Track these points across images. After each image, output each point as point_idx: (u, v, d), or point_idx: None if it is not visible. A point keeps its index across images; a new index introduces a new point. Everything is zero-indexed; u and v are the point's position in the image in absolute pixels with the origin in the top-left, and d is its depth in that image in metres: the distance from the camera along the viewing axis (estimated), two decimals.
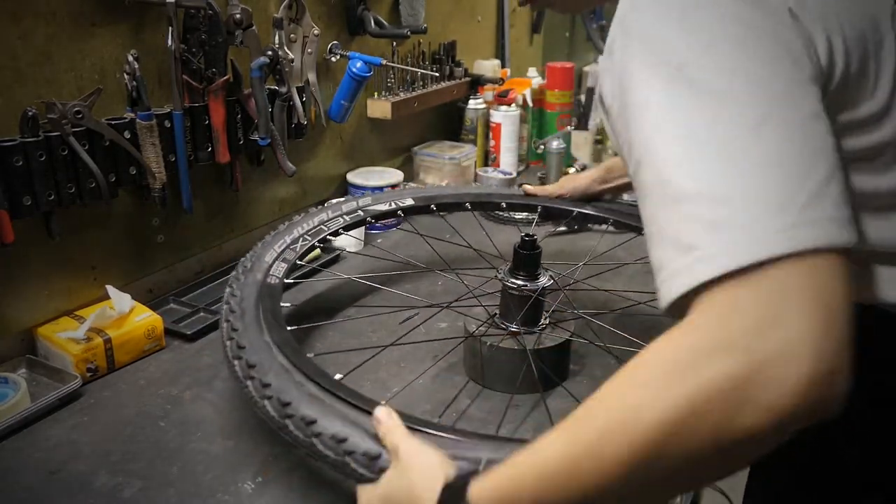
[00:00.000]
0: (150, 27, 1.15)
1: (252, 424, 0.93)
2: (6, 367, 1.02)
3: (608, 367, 1.05)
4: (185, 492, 0.82)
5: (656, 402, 0.48)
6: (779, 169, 0.50)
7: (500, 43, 2.25)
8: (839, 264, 0.49)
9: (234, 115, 1.28)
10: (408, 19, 1.73)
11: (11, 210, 0.99)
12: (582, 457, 0.51)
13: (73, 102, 1.03)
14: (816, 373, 0.46)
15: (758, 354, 0.46)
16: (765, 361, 0.46)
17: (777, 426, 0.46)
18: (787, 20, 0.57)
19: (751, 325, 0.47)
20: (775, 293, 0.48)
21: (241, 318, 0.88)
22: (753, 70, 0.54)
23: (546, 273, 1.04)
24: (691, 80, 0.54)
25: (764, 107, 0.52)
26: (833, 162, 0.52)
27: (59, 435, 0.92)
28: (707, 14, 0.56)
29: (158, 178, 1.15)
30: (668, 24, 0.57)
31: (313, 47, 1.40)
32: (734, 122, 0.52)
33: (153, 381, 1.04)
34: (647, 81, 0.56)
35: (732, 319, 0.48)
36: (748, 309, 0.48)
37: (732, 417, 0.46)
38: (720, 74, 0.54)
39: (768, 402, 0.46)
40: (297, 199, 1.54)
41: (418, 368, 1.05)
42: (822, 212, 0.49)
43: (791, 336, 0.47)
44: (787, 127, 0.52)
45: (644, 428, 0.48)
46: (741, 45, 0.55)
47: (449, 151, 1.84)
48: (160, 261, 1.26)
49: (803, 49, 0.57)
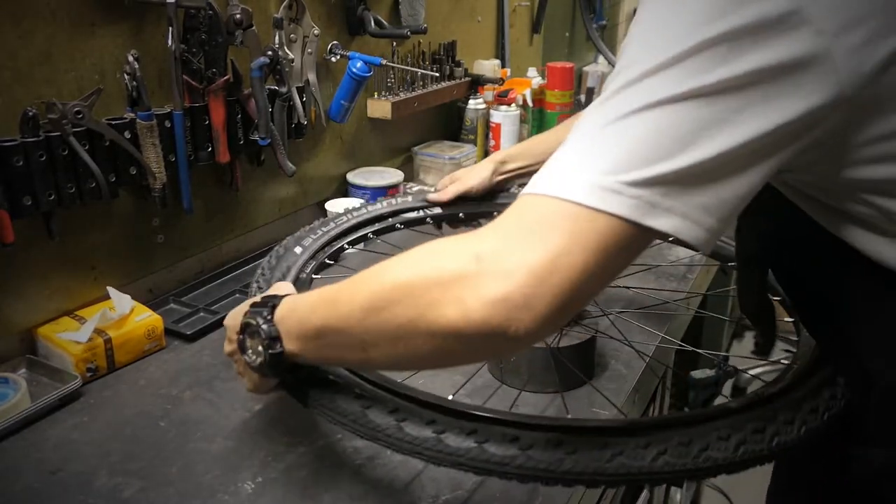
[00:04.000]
0: (150, 27, 1.15)
1: (252, 424, 0.93)
2: (6, 367, 1.02)
3: (631, 366, 1.05)
4: (185, 492, 0.82)
5: (399, 270, 0.60)
6: (634, 146, 0.54)
7: (500, 43, 2.25)
8: (621, 237, 0.54)
9: (234, 115, 1.28)
10: (408, 19, 1.73)
11: (11, 210, 0.99)
12: (343, 292, 0.65)
13: (73, 102, 1.03)
14: (510, 299, 0.52)
15: (485, 264, 0.54)
16: (484, 271, 0.54)
17: (460, 328, 0.54)
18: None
19: (504, 238, 0.55)
20: (542, 224, 0.54)
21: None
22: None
23: None
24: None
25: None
26: (723, 173, 0.55)
27: (59, 435, 0.92)
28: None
29: (158, 178, 1.15)
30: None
31: (313, 47, 1.40)
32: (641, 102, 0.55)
33: (153, 381, 1.04)
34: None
35: (501, 227, 0.56)
36: (517, 224, 0.56)
37: (438, 302, 0.55)
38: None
39: (464, 303, 0.54)
40: (297, 199, 1.54)
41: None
42: (644, 193, 0.53)
43: (517, 260, 0.53)
44: (663, 120, 0.55)
45: (382, 284, 0.61)
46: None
47: (449, 151, 1.84)
48: (160, 261, 1.26)
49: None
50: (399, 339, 0.60)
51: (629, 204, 0.53)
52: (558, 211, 0.54)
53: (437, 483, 0.82)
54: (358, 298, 0.63)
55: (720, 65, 0.54)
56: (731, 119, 0.55)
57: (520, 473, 0.65)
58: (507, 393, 0.99)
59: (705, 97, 0.54)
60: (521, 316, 0.53)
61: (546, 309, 0.53)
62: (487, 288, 0.53)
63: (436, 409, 0.70)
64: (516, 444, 0.65)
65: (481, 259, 0.54)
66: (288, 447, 0.89)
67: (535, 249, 0.53)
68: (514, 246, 0.54)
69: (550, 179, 0.56)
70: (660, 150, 0.54)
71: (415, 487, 0.82)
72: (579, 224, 0.53)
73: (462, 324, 0.54)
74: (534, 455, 0.65)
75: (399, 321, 0.59)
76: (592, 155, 0.56)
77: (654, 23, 0.58)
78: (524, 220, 0.56)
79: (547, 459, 0.64)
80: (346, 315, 0.64)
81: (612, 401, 0.97)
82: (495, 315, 0.53)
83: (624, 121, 0.55)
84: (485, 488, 0.81)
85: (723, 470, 0.67)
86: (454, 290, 0.55)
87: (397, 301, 0.59)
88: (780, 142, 0.57)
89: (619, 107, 0.56)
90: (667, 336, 1.14)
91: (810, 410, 0.73)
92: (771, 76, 0.54)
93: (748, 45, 0.53)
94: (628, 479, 0.65)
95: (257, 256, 1.42)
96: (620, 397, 0.99)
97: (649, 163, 0.54)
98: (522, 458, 0.65)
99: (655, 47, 0.56)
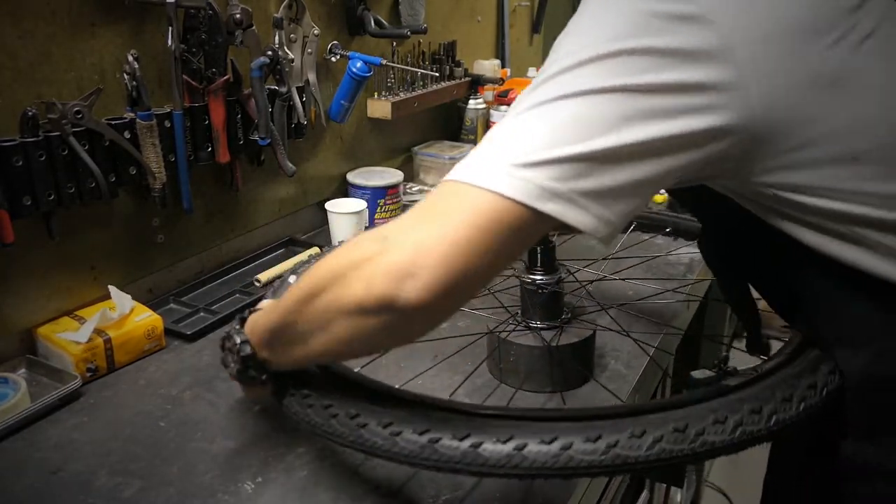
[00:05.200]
0: (150, 27, 1.15)
1: (252, 424, 0.94)
2: (6, 367, 1.02)
3: (632, 366, 1.05)
4: (185, 492, 0.82)
5: (326, 261, 0.65)
6: (528, 134, 0.60)
7: (500, 43, 2.25)
8: (509, 217, 0.58)
9: (234, 115, 1.28)
10: (408, 19, 1.73)
11: (11, 210, 0.99)
12: (288, 292, 0.71)
13: (73, 102, 1.03)
14: (400, 269, 0.57)
15: (388, 242, 0.59)
16: (386, 249, 0.59)
17: (363, 302, 0.60)
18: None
19: (405, 220, 0.61)
20: (439, 204, 0.60)
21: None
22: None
23: (563, 268, 1.05)
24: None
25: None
26: (604, 156, 0.59)
27: (59, 435, 0.92)
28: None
29: (158, 178, 1.15)
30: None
31: (313, 47, 1.40)
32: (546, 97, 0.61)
33: (153, 381, 1.04)
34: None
35: (408, 212, 0.62)
36: (419, 208, 0.61)
37: (349, 281, 0.61)
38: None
39: (367, 279, 0.59)
40: (298, 199, 1.54)
41: (445, 362, 1.05)
42: (531, 176, 0.58)
43: (411, 236, 0.59)
44: (555, 114, 0.60)
45: (313, 276, 0.66)
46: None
47: (449, 151, 1.84)
48: (160, 261, 1.26)
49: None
50: (326, 323, 0.65)
51: (514, 185, 0.58)
52: (453, 191, 0.60)
53: (436, 483, 0.82)
54: (296, 294, 0.69)
55: (642, 72, 0.59)
56: (632, 120, 0.59)
57: (517, 473, 0.65)
58: (505, 392, 0.99)
59: (602, 95, 0.59)
60: (409, 285, 0.57)
61: (431, 279, 0.57)
62: (384, 262, 0.59)
63: (431, 409, 0.70)
64: (511, 443, 0.65)
65: (386, 238, 0.60)
66: (288, 447, 0.89)
67: (427, 225, 0.59)
68: (412, 225, 0.60)
69: (459, 166, 0.62)
70: (552, 138, 0.59)
71: (414, 487, 0.82)
72: (467, 202, 0.59)
73: (364, 297, 0.60)
74: (529, 453, 0.65)
75: (324, 306, 0.65)
76: (494, 141, 0.62)
77: (584, 27, 0.64)
78: (428, 203, 0.62)
79: (544, 456, 0.64)
80: (287, 311, 0.71)
81: (613, 401, 0.97)
82: (388, 285, 0.58)
83: (528, 112, 0.61)
84: (484, 488, 0.81)
85: (721, 452, 0.67)
86: (363, 269, 0.60)
87: (322, 288, 0.65)
88: (673, 147, 0.61)
89: (529, 99, 0.62)
90: (669, 324, 1.14)
91: (808, 386, 0.72)
92: (684, 90, 0.60)
93: (670, 62, 0.59)
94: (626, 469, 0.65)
95: (257, 256, 1.42)
96: (621, 398, 0.99)
97: (540, 148, 0.59)
98: (518, 458, 0.65)
99: (581, 49, 0.61)
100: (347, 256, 0.63)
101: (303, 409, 0.76)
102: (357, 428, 0.71)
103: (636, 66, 0.59)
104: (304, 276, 0.70)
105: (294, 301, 0.69)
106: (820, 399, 0.72)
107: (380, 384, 0.79)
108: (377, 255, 0.59)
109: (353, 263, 0.61)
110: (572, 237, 1.45)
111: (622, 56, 0.60)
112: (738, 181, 0.69)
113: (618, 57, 0.60)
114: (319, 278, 0.66)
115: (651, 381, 1.12)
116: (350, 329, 0.63)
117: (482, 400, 0.97)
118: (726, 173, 0.68)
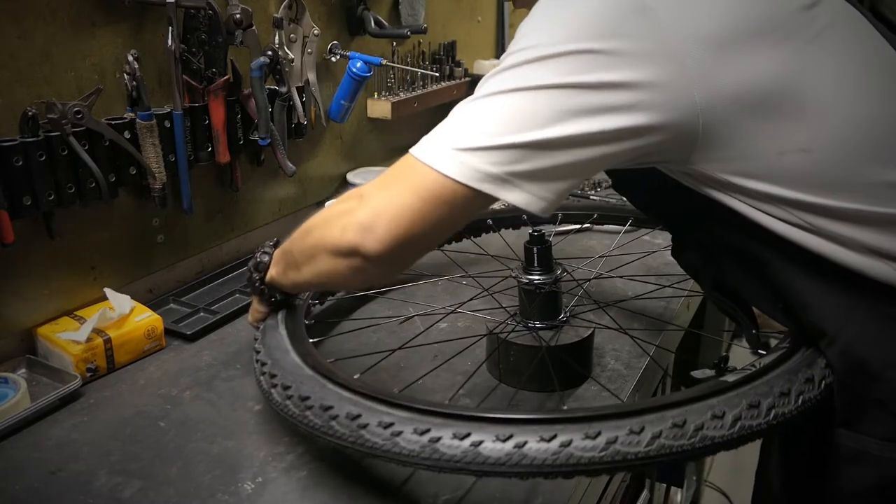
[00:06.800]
0: (150, 27, 1.15)
1: (252, 424, 0.94)
2: (6, 367, 1.02)
3: (632, 366, 1.05)
4: (185, 492, 0.82)
5: (328, 207, 0.84)
6: (478, 120, 0.71)
7: (500, 43, 2.25)
8: (448, 193, 0.70)
9: (234, 115, 1.28)
10: (408, 19, 1.73)
11: (11, 210, 0.99)
12: (299, 227, 0.87)
13: (73, 102, 1.03)
14: (363, 223, 0.72)
15: (362, 200, 0.74)
16: (359, 206, 0.73)
17: (338, 245, 0.75)
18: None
19: (377, 182, 0.75)
20: (399, 174, 0.74)
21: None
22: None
23: (560, 267, 1.05)
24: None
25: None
26: (543, 145, 0.68)
27: (59, 435, 0.92)
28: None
29: (158, 178, 1.15)
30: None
31: (313, 47, 1.40)
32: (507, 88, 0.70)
33: (153, 381, 1.04)
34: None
35: (383, 175, 0.76)
36: (388, 173, 0.75)
37: (332, 226, 0.77)
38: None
39: (343, 227, 0.74)
40: (298, 199, 1.54)
41: (445, 364, 1.05)
42: (468, 157, 0.69)
43: (375, 198, 0.73)
44: (518, 106, 0.69)
45: (315, 217, 0.84)
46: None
47: None
48: (160, 261, 1.26)
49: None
50: (313, 256, 0.82)
51: (455, 167, 0.69)
52: (410, 165, 0.73)
53: (436, 483, 0.82)
54: (302, 228, 0.86)
55: (586, 71, 0.66)
56: (571, 114, 0.67)
57: (517, 472, 0.65)
58: (505, 392, 0.99)
59: (546, 91, 0.67)
60: (368, 237, 0.72)
61: (383, 234, 0.71)
62: (355, 216, 0.73)
63: (430, 412, 0.70)
64: (511, 442, 0.65)
65: (362, 196, 0.75)
66: (288, 447, 0.89)
67: (388, 191, 0.73)
68: (378, 189, 0.74)
69: (422, 140, 0.74)
70: (494, 126, 0.69)
71: (414, 487, 0.82)
72: (418, 176, 0.71)
73: (339, 241, 0.75)
74: (528, 451, 0.65)
75: (312, 242, 0.82)
76: (450, 124, 0.73)
77: (535, 29, 0.71)
78: (392, 170, 0.75)
79: (542, 454, 0.64)
80: (292, 240, 0.88)
81: (613, 401, 0.97)
82: (355, 235, 0.73)
83: (476, 101, 0.72)
84: (484, 488, 0.81)
85: (721, 448, 0.67)
86: (343, 218, 0.75)
87: (314, 226, 0.83)
88: (607, 139, 0.68)
89: (489, 85, 0.72)
90: (668, 322, 1.14)
91: (806, 380, 0.73)
92: (621, 88, 0.66)
93: (612, 62, 0.66)
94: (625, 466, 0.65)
95: None
96: (621, 397, 0.99)
97: (481, 135, 0.69)
98: (518, 456, 0.65)
99: (539, 46, 0.68)
100: (337, 206, 0.79)
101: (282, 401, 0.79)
102: (330, 420, 0.73)
103: (582, 65, 0.67)
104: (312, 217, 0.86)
105: (298, 233, 0.87)
106: (818, 393, 0.73)
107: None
108: (354, 210, 0.74)
109: (338, 213, 0.77)
110: (567, 237, 1.46)
111: (571, 56, 0.67)
112: (683, 167, 0.74)
113: (568, 56, 0.67)
114: (316, 219, 0.83)
115: (651, 381, 1.12)
116: (328, 265, 0.79)
117: (482, 399, 0.97)
118: (670, 161, 0.74)
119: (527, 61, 0.69)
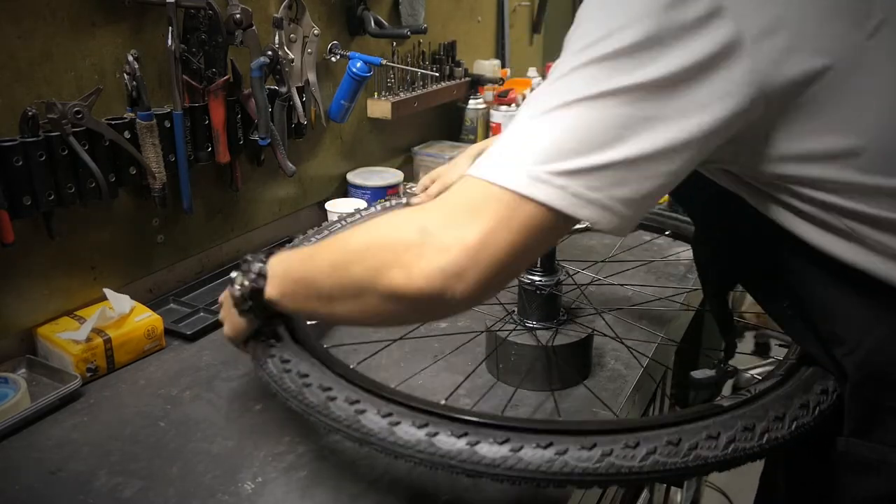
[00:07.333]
0: (150, 27, 1.15)
1: (252, 424, 0.94)
2: (6, 367, 1.02)
3: (631, 366, 1.05)
4: (185, 492, 0.82)
5: (360, 234, 0.70)
6: (564, 138, 0.60)
7: (500, 43, 2.25)
8: (545, 222, 0.61)
9: (234, 115, 1.28)
10: (408, 19, 1.73)
11: (11, 210, 0.99)
12: (319, 249, 0.75)
13: (73, 102, 1.03)
14: (446, 270, 0.60)
15: (428, 236, 0.62)
16: (427, 243, 0.61)
17: (404, 291, 0.62)
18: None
19: (445, 215, 0.63)
20: (478, 206, 0.61)
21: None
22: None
23: (561, 269, 1.05)
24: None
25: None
26: (633, 160, 0.60)
27: (59, 435, 0.92)
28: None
29: (158, 178, 1.15)
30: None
31: (313, 47, 1.40)
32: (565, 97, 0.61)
33: (153, 381, 1.04)
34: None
35: (445, 204, 0.64)
36: (457, 204, 0.63)
37: (388, 266, 0.63)
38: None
39: (409, 270, 0.62)
40: (298, 199, 1.54)
41: (444, 360, 1.05)
42: (569, 184, 0.60)
43: (454, 236, 0.61)
44: (588, 116, 0.60)
45: (346, 245, 0.70)
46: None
47: (449, 151, 1.84)
48: (160, 261, 1.26)
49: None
50: (356, 295, 0.68)
51: (554, 193, 0.60)
52: (493, 195, 0.61)
53: (436, 483, 0.82)
54: (328, 256, 0.72)
55: (650, 62, 0.59)
56: (658, 117, 0.60)
57: (510, 476, 0.65)
58: (505, 392, 0.99)
59: (632, 94, 0.59)
60: (456, 285, 0.61)
61: (476, 280, 0.61)
62: (428, 259, 0.61)
63: (429, 412, 0.70)
64: (507, 446, 0.66)
65: (425, 231, 0.62)
66: (288, 447, 0.89)
67: (470, 228, 0.61)
68: (452, 223, 0.62)
69: (489, 164, 0.63)
70: (587, 143, 0.60)
71: (414, 487, 0.82)
72: (509, 209, 0.61)
73: (406, 288, 0.63)
74: (524, 457, 0.65)
75: (356, 279, 0.67)
76: (526, 143, 0.62)
77: (596, 15, 0.62)
78: (464, 200, 0.63)
79: (537, 461, 0.65)
80: (318, 269, 0.73)
81: (613, 400, 0.97)
82: (434, 283, 0.61)
83: (559, 111, 0.61)
84: (484, 488, 0.81)
85: (714, 468, 0.68)
86: (401, 257, 0.63)
87: (356, 262, 0.68)
88: (699, 142, 0.61)
89: (556, 96, 0.61)
90: (665, 337, 1.14)
91: (800, 406, 0.73)
92: (695, 73, 0.59)
93: (674, 42, 0.58)
94: (618, 480, 0.65)
95: None
96: (620, 398, 0.99)
97: (576, 154, 0.60)
98: (513, 460, 0.65)
99: (595, 41, 0.60)
100: (386, 236, 0.66)
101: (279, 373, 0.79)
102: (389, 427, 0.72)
103: (659, 56, 0.59)
104: (340, 238, 0.73)
105: (327, 262, 0.72)
106: (812, 419, 0.73)
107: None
108: (418, 247, 0.62)
109: (392, 247, 0.64)
110: (567, 237, 1.46)
111: (643, 48, 0.59)
112: (745, 166, 0.69)
113: (640, 49, 0.59)
114: (356, 250, 0.69)
115: (651, 382, 1.12)
116: (380, 307, 0.67)
117: (480, 398, 0.97)
118: (738, 156, 0.68)
119: (604, 56, 0.60)
